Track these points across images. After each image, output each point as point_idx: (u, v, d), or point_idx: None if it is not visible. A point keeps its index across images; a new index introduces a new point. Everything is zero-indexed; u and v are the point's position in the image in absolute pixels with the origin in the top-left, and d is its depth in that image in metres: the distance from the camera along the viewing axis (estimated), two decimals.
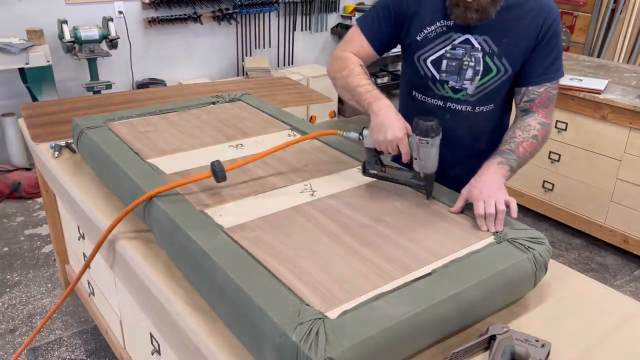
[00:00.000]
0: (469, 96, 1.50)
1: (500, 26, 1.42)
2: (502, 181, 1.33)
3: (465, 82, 1.48)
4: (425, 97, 1.55)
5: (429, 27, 1.46)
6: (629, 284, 2.79)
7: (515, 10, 1.42)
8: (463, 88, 1.49)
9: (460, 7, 1.38)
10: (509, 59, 1.45)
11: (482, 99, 1.50)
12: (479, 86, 1.48)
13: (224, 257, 1.14)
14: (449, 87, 1.50)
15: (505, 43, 1.43)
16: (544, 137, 1.44)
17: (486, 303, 1.12)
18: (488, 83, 1.47)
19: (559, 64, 1.47)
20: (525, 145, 1.39)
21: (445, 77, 1.50)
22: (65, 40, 3.52)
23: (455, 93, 1.50)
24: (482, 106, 1.51)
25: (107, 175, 1.59)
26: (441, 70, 1.49)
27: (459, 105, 1.51)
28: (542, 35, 1.42)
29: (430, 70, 1.50)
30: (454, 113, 1.53)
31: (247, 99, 2.15)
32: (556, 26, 1.42)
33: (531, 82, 1.47)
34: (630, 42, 4.59)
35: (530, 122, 1.45)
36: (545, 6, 1.42)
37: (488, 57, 1.44)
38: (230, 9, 4.37)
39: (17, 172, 3.47)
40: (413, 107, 1.59)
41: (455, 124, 1.53)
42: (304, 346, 0.91)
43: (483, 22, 1.39)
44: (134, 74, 4.13)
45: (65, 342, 2.27)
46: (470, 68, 1.46)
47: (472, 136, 1.56)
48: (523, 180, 3.31)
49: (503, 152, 1.39)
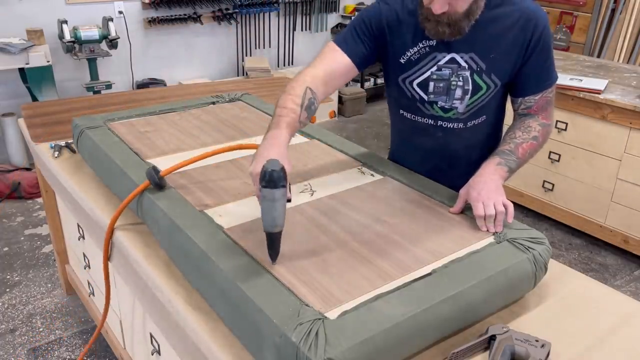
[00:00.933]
0: (459, 114, 1.46)
1: (486, 41, 1.36)
2: (500, 182, 1.32)
3: (455, 102, 1.43)
4: (415, 116, 1.51)
5: (411, 49, 1.41)
6: (629, 284, 2.79)
7: (500, 21, 1.35)
8: (453, 107, 1.44)
9: (431, 22, 1.32)
10: (498, 74, 1.40)
11: (473, 114, 1.47)
12: (469, 104, 1.44)
13: (223, 257, 1.14)
14: (438, 107, 1.46)
15: (493, 58, 1.38)
16: (545, 138, 1.44)
17: (486, 303, 1.12)
18: (479, 100, 1.44)
19: (552, 69, 1.43)
20: (525, 147, 1.38)
21: (433, 98, 1.44)
22: (65, 40, 3.52)
23: (446, 112, 1.45)
24: (474, 120, 1.48)
25: (106, 175, 1.59)
26: (429, 92, 1.44)
27: (450, 123, 1.47)
28: (533, 45, 1.36)
29: (418, 93, 1.45)
30: (446, 130, 1.49)
31: (247, 99, 2.15)
32: (546, 33, 1.36)
33: (527, 92, 1.43)
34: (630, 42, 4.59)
35: (530, 123, 1.44)
36: (532, 14, 1.35)
37: (476, 75, 1.40)
38: (230, 9, 4.37)
39: (17, 172, 3.47)
40: (403, 125, 1.56)
41: (448, 140, 1.51)
42: (303, 347, 0.91)
43: (457, 38, 1.34)
44: (134, 74, 4.13)
45: (65, 342, 2.27)
46: (458, 87, 1.41)
47: (466, 149, 1.54)
48: (523, 180, 3.31)
49: (502, 153, 1.38)
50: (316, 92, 1.31)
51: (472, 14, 1.31)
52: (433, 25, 1.32)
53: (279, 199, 1.06)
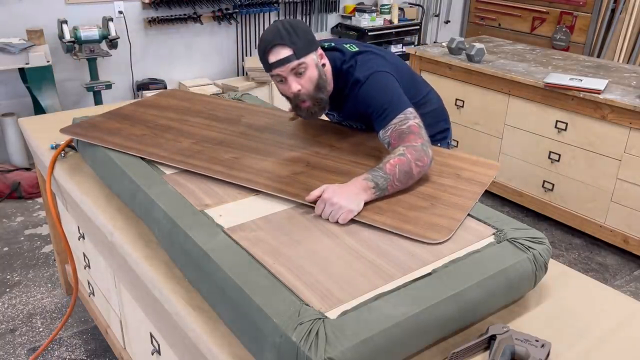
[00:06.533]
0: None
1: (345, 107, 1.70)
2: (361, 192, 1.35)
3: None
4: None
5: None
6: (629, 284, 2.79)
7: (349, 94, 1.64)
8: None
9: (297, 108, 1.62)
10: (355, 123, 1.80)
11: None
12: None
13: (224, 257, 1.14)
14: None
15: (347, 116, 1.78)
16: (414, 155, 1.43)
17: (486, 303, 1.12)
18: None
19: (390, 108, 1.55)
20: (392, 162, 1.40)
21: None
22: (65, 40, 3.52)
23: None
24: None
25: (106, 175, 1.59)
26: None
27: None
28: (360, 105, 1.62)
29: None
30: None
31: (247, 99, 2.15)
32: (365, 91, 1.58)
33: (378, 130, 1.57)
34: (630, 42, 4.60)
35: (395, 149, 1.48)
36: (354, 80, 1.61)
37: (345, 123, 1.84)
38: (230, 9, 4.37)
39: (17, 172, 3.47)
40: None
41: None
42: (303, 346, 0.91)
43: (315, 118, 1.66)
44: (134, 74, 4.13)
45: (65, 342, 2.27)
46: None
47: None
48: (523, 180, 3.31)
49: (371, 170, 1.41)
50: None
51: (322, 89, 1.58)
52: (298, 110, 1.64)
53: None
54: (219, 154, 1.61)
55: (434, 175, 1.51)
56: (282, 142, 1.71)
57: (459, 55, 3.50)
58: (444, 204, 1.37)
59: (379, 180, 1.37)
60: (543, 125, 3.11)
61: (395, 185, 1.39)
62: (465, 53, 3.40)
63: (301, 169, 1.53)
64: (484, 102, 3.38)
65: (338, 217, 1.30)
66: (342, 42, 1.72)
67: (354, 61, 1.63)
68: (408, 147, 1.45)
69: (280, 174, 1.50)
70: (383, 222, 1.28)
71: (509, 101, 3.24)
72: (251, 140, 1.72)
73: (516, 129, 3.26)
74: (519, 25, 5.32)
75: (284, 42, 1.49)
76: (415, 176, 1.43)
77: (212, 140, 1.70)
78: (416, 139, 1.47)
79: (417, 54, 3.67)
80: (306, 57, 1.52)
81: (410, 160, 1.41)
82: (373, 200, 1.36)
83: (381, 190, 1.37)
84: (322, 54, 1.61)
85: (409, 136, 1.48)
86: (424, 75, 3.62)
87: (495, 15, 5.50)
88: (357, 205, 1.32)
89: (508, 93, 3.23)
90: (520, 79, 3.10)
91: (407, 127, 1.50)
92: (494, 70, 3.23)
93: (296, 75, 1.53)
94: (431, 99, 1.90)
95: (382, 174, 1.38)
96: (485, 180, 1.49)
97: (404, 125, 1.51)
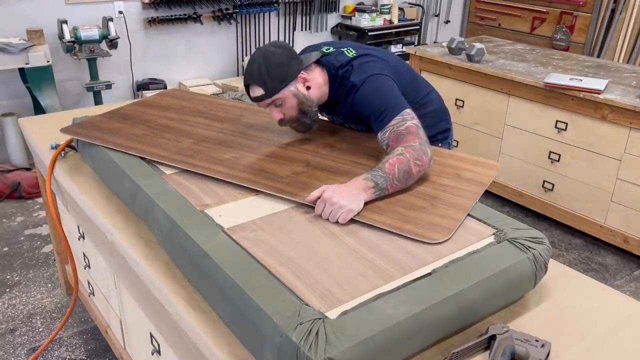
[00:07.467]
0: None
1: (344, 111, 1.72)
2: (361, 192, 1.35)
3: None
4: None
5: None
6: (629, 284, 2.79)
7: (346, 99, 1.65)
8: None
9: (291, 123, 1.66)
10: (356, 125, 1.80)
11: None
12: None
13: (224, 257, 1.14)
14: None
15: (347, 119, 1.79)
16: (413, 155, 1.43)
17: (486, 303, 1.12)
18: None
19: (387, 110, 1.55)
20: (391, 162, 1.40)
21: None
22: (65, 40, 3.51)
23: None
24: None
25: (106, 175, 1.59)
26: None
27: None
28: (357, 108, 1.62)
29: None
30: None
31: (247, 99, 2.14)
32: (361, 95, 1.59)
33: (376, 132, 1.58)
34: (630, 42, 4.60)
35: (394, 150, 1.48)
36: (350, 85, 1.62)
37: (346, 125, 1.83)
38: (230, 9, 4.37)
39: (17, 172, 3.47)
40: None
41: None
42: (303, 346, 0.91)
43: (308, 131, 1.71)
44: (134, 74, 4.13)
45: (65, 342, 2.27)
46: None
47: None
48: (523, 180, 3.31)
49: (370, 170, 1.41)
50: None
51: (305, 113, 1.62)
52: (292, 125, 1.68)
53: None
54: (219, 153, 1.61)
55: (434, 175, 1.51)
56: (283, 142, 1.71)
57: (459, 55, 3.50)
58: (444, 204, 1.37)
59: (379, 180, 1.37)
60: (543, 125, 3.11)
61: (394, 184, 1.39)
62: (465, 53, 3.40)
63: (301, 169, 1.53)
64: (484, 102, 3.38)
65: (338, 216, 1.30)
66: (341, 46, 1.72)
67: (350, 66, 1.64)
68: (407, 147, 1.45)
69: (280, 174, 1.50)
70: (383, 222, 1.28)
71: (509, 101, 3.24)
72: (251, 140, 1.72)
73: (516, 129, 3.26)
74: (519, 25, 5.32)
75: (255, 82, 1.56)
76: (414, 175, 1.43)
77: (212, 140, 1.70)
78: (414, 139, 1.48)
79: (417, 54, 3.67)
80: (280, 93, 1.56)
81: (409, 159, 1.41)
82: (373, 200, 1.36)
83: (381, 189, 1.37)
84: (306, 77, 1.61)
85: (407, 137, 1.49)
86: (424, 75, 3.62)
87: (495, 15, 5.50)
88: (357, 205, 1.33)
89: (508, 93, 3.23)
90: (520, 79, 3.10)
91: (405, 128, 1.51)
92: (494, 70, 3.23)
93: (276, 106, 1.60)
94: (432, 99, 1.90)
95: (381, 173, 1.38)
96: (485, 180, 1.49)
97: (401, 127, 1.52)
